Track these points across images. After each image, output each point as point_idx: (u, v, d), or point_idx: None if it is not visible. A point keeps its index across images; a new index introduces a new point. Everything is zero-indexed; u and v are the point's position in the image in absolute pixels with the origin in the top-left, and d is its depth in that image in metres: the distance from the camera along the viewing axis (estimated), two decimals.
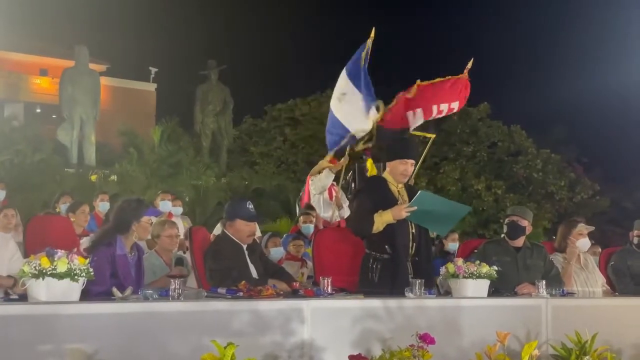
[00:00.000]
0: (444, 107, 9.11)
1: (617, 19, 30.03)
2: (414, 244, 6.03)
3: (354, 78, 8.92)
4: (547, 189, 26.19)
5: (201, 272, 6.02)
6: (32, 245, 5.95)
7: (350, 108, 8.68)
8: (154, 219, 6.28)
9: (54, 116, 26.30)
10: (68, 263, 4.06)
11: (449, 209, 6.15)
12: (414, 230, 6.03)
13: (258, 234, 9.76)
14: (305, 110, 28.96)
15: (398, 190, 6.14)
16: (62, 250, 4.13)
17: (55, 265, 4.03)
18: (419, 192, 5.97)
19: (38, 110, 29.63)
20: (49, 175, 18.40)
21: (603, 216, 25.83)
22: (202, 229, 6.79)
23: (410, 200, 5.96)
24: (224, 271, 5.66)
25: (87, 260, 4.22)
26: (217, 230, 7.90)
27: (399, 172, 6.10)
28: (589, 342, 5.39)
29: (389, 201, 6.00)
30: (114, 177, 19.45)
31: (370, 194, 6.18)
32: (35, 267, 4.02)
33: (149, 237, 6.53)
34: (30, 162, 19.63)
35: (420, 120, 8.98)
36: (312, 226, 9.38)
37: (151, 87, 31.87)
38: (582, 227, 7.14)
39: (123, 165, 20.61)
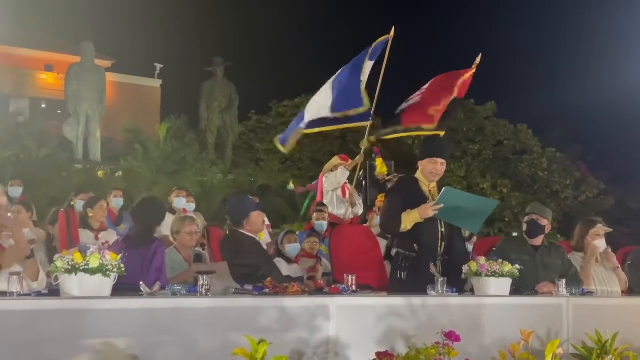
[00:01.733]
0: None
1: (623, 19, 30.01)
2: (443, 242, 6.03)
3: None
4: (552, 187, 26.18)
5: None
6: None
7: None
8: None
9: (58, 111, 26.28)
10: (100, 258, 4.07)
11: (476, 205, 6.13)
12: (443, 229, 6.02)
13: (267, 221, 9.89)
14: None
15: (429, 190, 6.14)
16: (94, 245, 4.15)
17: (88, 261, 4.04)
18: (443, 188, 5.95)
19: (43, 106, 29.57)
20: (54, 171, 18.39)
21: (607, 215, 25.77)
22: (218, 229, 6.86)
23: None
24: (252, 266, 5.71)
25: (119, 256, 4.23)
26: None
27: (429, 170, 6.10)
28: (609, 342, 5.39)
29: (419, 200, 6.00)
30: (119, 173, 19.45)
31: (400, 193, 6.19)
32: (67, 262, 4.04)
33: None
34: (36, 158, 19.65)
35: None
36: (325, 223, 9.40)
37: (156, 83, 31.83)
38: (600, 228, 7.11)
39: (128, 161, 20.63)
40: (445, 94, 9.60)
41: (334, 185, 10.36)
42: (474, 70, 9.86)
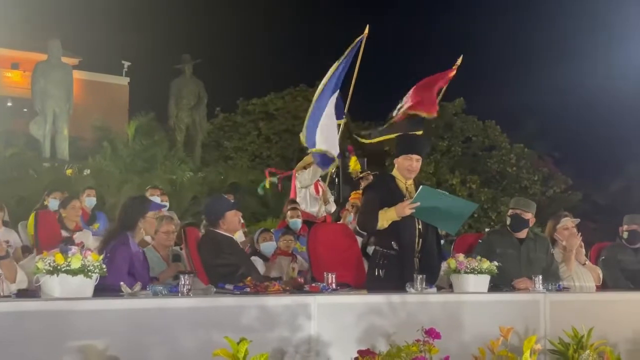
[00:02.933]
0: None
1: (589, 19, 30.32)
2: (420, 240, 6.02)
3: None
4: (520, 183, 26.26)
5: (199, 270, 6.03)
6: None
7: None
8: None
9: (25, 110, 25.98)
10: (82, 259, 4.03)
11: (454, 205, 6.12)
12: (420, 227, 6.01)
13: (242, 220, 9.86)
14: (280, 105, 28.97)
15: (406, 187, 6.13)
16: (76, 247, 4.10)
17: (69, 262, 4.00)
18: (421, 187, 5.95)
19: (9, 104, 29.25)
20: (22, 170, 18.18)
21: (575, 210, 25.94)
22: (195, 229, 6.83)
23: None
24: (231, 266, 5.69)
25: (101, 257, 4.19)
26: None
27: (404, 167, 6.10)
28: (585, 337, 5.43)
29: (396, 198, 6.00)
30: (87, 172, 19.26)
31: (377, 191, 6.18)
32: (49, 263, 3.99)
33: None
34: (3, 157, 19.40)
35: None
36: (299, 221, 9.39)
37: (124, 81, 31.61)
38: (566, 221, 7.16)
39: (97, 160, 20.44)
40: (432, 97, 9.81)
41: (307, 183, 10.37)
42: (454, 71, 9.97)
